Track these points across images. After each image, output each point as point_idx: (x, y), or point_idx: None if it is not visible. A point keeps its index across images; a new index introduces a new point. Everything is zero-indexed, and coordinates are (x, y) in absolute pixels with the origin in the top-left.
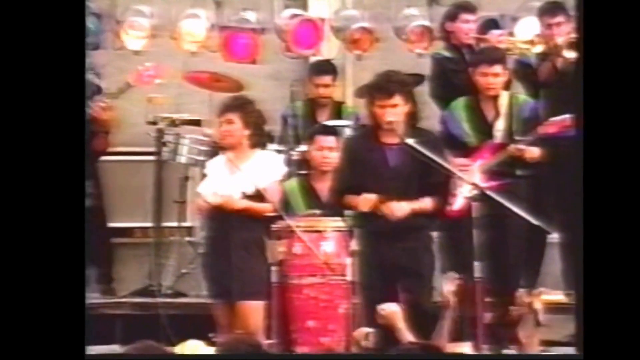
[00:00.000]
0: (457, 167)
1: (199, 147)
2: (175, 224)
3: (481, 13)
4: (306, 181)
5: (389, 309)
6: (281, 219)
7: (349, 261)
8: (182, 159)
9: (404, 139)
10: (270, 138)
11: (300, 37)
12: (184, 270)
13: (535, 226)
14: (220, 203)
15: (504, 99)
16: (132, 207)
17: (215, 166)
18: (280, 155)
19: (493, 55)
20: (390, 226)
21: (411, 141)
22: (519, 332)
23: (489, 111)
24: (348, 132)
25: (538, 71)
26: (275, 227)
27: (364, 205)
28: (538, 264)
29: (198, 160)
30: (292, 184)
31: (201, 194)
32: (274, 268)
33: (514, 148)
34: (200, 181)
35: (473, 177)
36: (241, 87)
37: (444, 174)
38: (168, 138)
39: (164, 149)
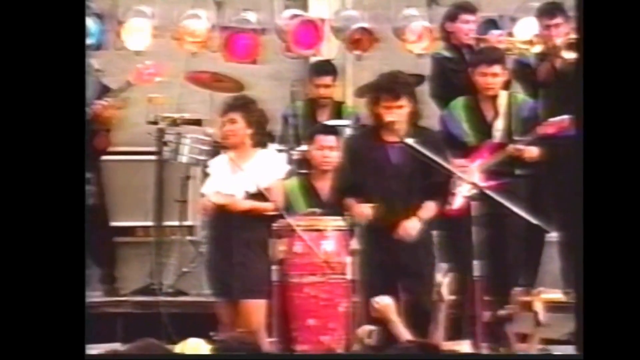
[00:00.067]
0: (457, 167)
1: (200, 146)
2: (176, 223)
3: (480, 13)
4: (306, 180)
5: (383, 301)
6: (282, 217)
7: (349, 260)
8: (183, 159)
9: (404, 138)
10: (271, 138)
11: (300, 38)
12: (185, 269)
13: (534, 225)
14: (225, 204)
15: (503, 99)
16: (134, 206)
17: (218, 166)
18: (282, 154)
19: (492, 56)
20: (390, 226)
21: (410, 141)
22: (511, 330)
23: (488, 111)
24: (348, 132)
25: (537, 71)
26: (275, 226)
27: (360, 216)
28: (537, 263)
29: (199, 160)
30: (293, 183)
31: (206, 194)
32: (274, 267)
33: (512, 148)
34: (201, 180)
35: (472, 176)
36: (242, 87)
37: (446, 172)
38: (169, 138)
39: (165, 148)
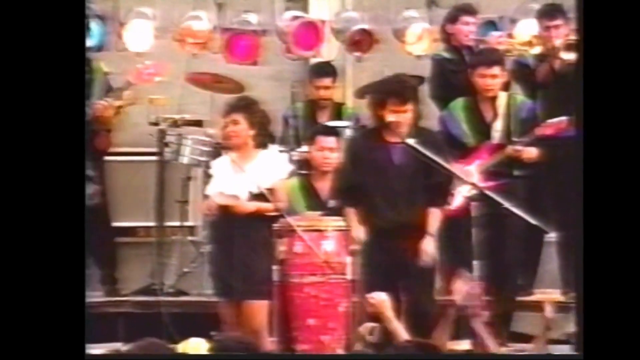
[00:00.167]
0: (456, 167)
1: (201, 147)
2: (177, 223)
3: (480, 15)
4: (307, 181)
5: (378, 297)
6: (282, 217)
7: (349, 260)
8: (184, 159)
9: (405, 139)
10: (272, 139)
11: (300, 39)
12: (186, 269)
13: (533, 225)
14: (231, 205)
15: (502, 100)
16: (135, 207)
17: (220, 167)
18: (284, 154)
19: (491, 57)
20: (390, 225)
21: (411, 141)
22: (480, 326)
23: (487, 112)
24: (348, 133)
25: (536, 72)
26: (276, 226)
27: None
28: (535, 263)
29: (200, 161)
30: (293, 183)
31: (210, 196)
32: (275, 267)
33: (511, 149)
34: (203, 181)
35: (471, 177)
36: (242, 88)
37: (446, 173)
38: (170, 138)
39: (166, 149)
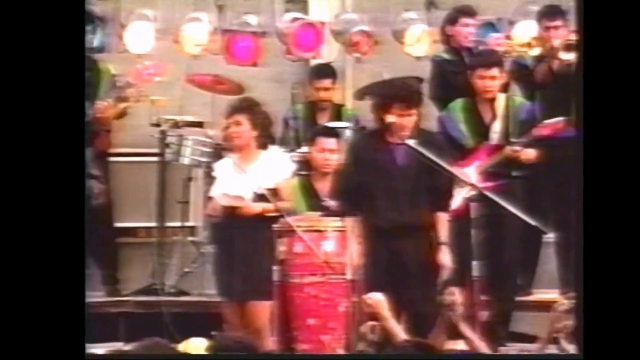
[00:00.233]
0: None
1: (202, 148)
2: (178, 224)
3: (479, 17)
4: (307, 181)
5: (375, 297)
6: (282, 218)
7: (349, 260)
8: (185, 160)
9: (405, 140)
10: (272, 140)
11: (300, 40)
12: (186, 269)
13: (532, 226)
14: (236, 206)
15: (501, 101)
16: (136, 208)
17: (223, 168)
18: (287, 154)
19: (490, 59)
20: (392, 226)
21: (412, 142)
22: (440, 323)
23: (486, 113)
24: (349, 134)
25: (534, 72)
26: (276, 226)
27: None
28: (534, 263)
29: (201, 162)
30: (293, 184)
31: (215, 197)
32: (275, 267)
33: (509, 149)
34: (203, 182)
35: (470, 177)
36: (242, 89)
37: (447, 173)
38: (171, 139)
39: (167, 150)
